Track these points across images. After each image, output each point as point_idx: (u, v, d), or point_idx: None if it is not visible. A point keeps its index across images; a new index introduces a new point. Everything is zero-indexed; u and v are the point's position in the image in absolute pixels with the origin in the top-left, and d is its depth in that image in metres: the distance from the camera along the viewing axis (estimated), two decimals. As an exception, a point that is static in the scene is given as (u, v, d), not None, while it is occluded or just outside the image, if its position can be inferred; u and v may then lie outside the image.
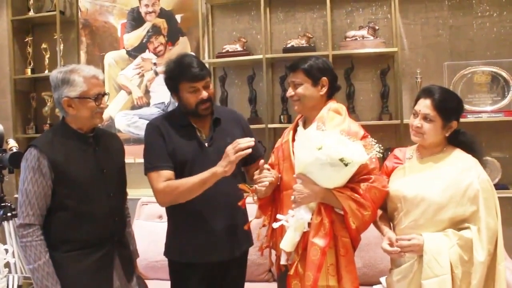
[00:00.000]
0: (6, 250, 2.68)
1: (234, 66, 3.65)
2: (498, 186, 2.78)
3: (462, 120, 1.95)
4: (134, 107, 3.89)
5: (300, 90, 1.98)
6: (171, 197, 2.02)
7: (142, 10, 3.83)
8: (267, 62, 3.44)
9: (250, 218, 2.18)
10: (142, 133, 2.25)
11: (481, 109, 3.16)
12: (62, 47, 3.85)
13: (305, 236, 1.86)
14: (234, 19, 3.68)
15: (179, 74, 2.06)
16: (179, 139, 2.09)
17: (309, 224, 1.86)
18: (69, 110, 1.93)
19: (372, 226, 1.96)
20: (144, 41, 3.84)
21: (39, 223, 1.88)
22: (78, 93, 1.91)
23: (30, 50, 3.99)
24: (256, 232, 2.18)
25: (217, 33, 3.72)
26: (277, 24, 3.61)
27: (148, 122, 2.20)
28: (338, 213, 1.84)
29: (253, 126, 3.32)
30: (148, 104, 3.85)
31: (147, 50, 3.84)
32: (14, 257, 2.72)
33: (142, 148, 2.14)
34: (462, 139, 1.95)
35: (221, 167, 1.95)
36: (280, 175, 2.04)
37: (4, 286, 2.50)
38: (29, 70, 3.97)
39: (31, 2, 3.94)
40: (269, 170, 2.00)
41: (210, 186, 1.99)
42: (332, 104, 2.02)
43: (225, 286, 2.20)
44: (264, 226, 2.15)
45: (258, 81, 3.53)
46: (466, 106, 2.87)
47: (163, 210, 2.22)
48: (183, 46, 3.74)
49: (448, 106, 1.89)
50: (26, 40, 3.99)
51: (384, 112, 3.32)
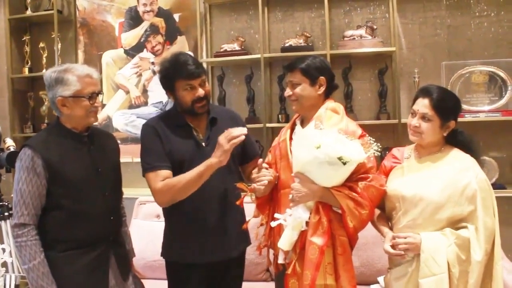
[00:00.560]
0: (3, 250, 2.68)
1: (232, 65, 3.65)
2: (495, 186, 2.79)
3: (459, 119, 1.96)
4: (132, 106, 3.88)
5: (298, 89, 1.99)
6: (170, 195, 2.00)
7: (140, 9, 3.83)
8: (265, 61, 3.44)
9: (248, 217, 2.18)
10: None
11: (478, 108, 3.16)
12: (59, 46, 3.85)
13: (303, 235, 1.86)
14: (232, 18, 3.68)
15: (175, 72, 2.05)
16: (176, 139, 2.08)
17: (307, 223, 1.86)
18: (63, 109, 1.93)
19: (369, 225, 1.96)
20: (142, 40, 3.84)
21: (34, 223, 1.88)
22: (72, 92, 1.90)
23: (27, 49, 3.99)
24: (254, 231, 2.17)
25: (215, 32, 3.72)
26: (275, 23, 3.61)
27: (144, 122, 2.19)
28: (336, 212, 1.84)
29: (251, 126, 3.33)
30: (146, 103, 3.85)
31: (145, 49, 3.83)
32: (11, 256, 2.72)
33: (139, 147, 2.13)
34: (460, 139, 1.96)
35: (215, 158, 1.93)
36: (277, 174, 2.04)
37: (1, 285, 2.50)
38: (26, 69, 3.96)
39: (29, 1, 3.94)
40: (267, 169, 2.00)
41: (207, 180, 1.97)
42: (329, 103, 2.02)
43: (223, 286, 2.19)
44: (262, 225, 2.15)
45: (256, 80, 3.53)
46: (464, 106, 2.87)
47: (161, 210, 2.22)
48: (181, 45, 3.74)
49: (446, 105, 1.89)
50: (23, 39, 3.99)
51: (382, 111, 3.32)
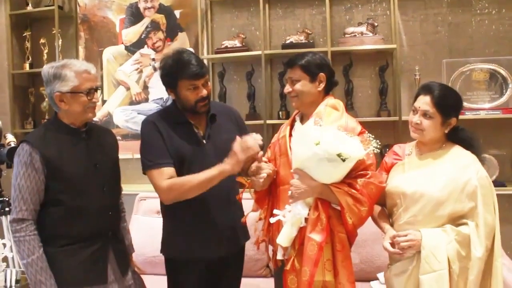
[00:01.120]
0: (4, 245, 2.68)
1: (233, 62, 3.64)
2: (495, 183, 2.76)
3: (460, 117, 1.96)
4: (132, 103, 3.88)
5: (298, 86, 1.98)
6: (177, 194, 1.99)
7: (141, 5, 3.83)
8: (266, 58, 3.44)
9: (246, 213, 2.18)
10: (140, 128, 2.24)
11: (479, 106, 3.16)
12: (60, 42, 3.85)
13: (302, 231, 1.86)
14: (233, 15, 3.68)
15: (178, 72, 2.02)
16: (177, 136, 2.07)
17: (306, 219, 1.86)
18: (61, 105, 1.93)
19: (369, 222, 1.96)
20: (142, 36, 3.84)
21: (33, 218, 1.88)
22: (69, 88, 1.90)
23: (28, 45, 3.99)
24: (253, 226, 2.18)
25: (216, 29, 3.72)
26: (276, 20, 3.61)
27: (143, 119, 2.18)
28: (335, 208, 1.84)
29: (251, 122, 3.33)
30: (146, 99, 3.85)
31: (146, 46, 3.83)
32: (12, 251, 2.72)
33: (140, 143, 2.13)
34: (461, 136, 1.95)
35: (229, 166, 1.93)
36: (276, 170, 2.04)
37: (2, 280, 2.50)
38: (27, 65, 3.96)
39: (30, -4, 3.94)
40: (266, 162, 2.01)
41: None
42: (329, 99, 2.02)
43: (224, 280, 2.19)
44: (260, 219, 2.14)
45: (256, 77, 3.54)
46: (464, 104, 2.87)
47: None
48: (182, 42, 3.74)
49: (447, 102, 1.89)
50: (24, 34, 3.99)
51: (382, 109, 3.32)
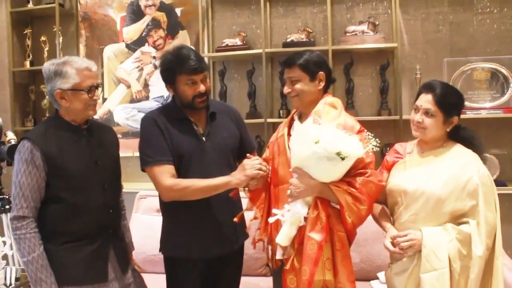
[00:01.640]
0: (4, 242, 2.69)
1: (233, 60, 3.64)
2: (496, 183, 2.74)
3: (461, 116, 1.95)
4: (133, 101, 3.88)
5: (298, 86, 1.97)
6: (178, 194, 1.99)
7: (142, 3, 3.82)
8: (267, 56, 3.44)
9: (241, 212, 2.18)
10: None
11: (480, 105, 3.16)
12: (61, 40, 3.85)
13: (301, 230, 1.85)
14: (234, 13, 3.68)
15: (177, 66, 2.03)
16: (177, 133, 2.07)
17: (305, 218, 1.85)
18: (62, 102, 1.92)
19: (369, 221, 1.96)
20: (143, 34, 3.83)
21: (33, 216, 1.87)
22: (70, 85, 1.90)
23: (29, 42, 3.98)
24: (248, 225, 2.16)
25: (217, 27, 3.71)
26: (277, 18, 3.60)
27: (143, 115, 2.18)
28: (334, 207, 1.84)
29: (252, 121, 3.33)
30: (147, 97, 3.85)
31: (147, 44, 3.83)
32: (12, 249, 2.72)
33: (141, 141, 2.12)
34: (463, 135, 1.95)
35: (236, 179, 1.94)
36: (272, 169, 2.03)
37: (2, 278, 2.50)
38: (28, 63, 3.96)
39: (30, -6, 3.93)
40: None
41: (207, 174, 1.98)
42: (328, 98, 2.01)
43: (223, 279, 2.19)
44: (255, 218, 2.11)
45: (257, 75, 3.53)
46: (465, 103, 2.87)
47: (161, 204, 2.22)
48: (183, 40, 3.73)
49: (449, 101, 1.89)
50: (25, 32, 3.98)
51: (383, 107, 3.31)
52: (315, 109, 1.96)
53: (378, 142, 1.84)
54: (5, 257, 2.72)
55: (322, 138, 1.76)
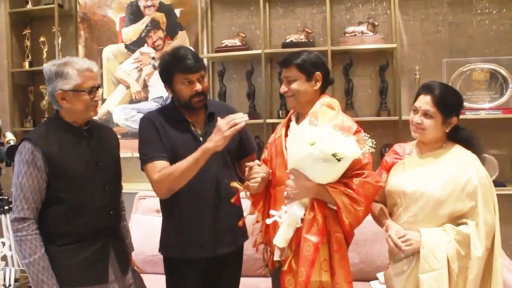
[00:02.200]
0: (3, 243, 2.68)
1: (232, 61, 3.64)
2: (495, 184, 2.74)
3: (460, 117, 1.95)
4: (132, 101, 3.88)
5: (294, 85, 1.97)
6: (167, 184, 1.98)
7: (141, 4, 3.82)
8: (266, 57, 3.44)
9: (245, 211, 2.18)
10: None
11: (479, 106, 3.16)
12: (60, 41, 3.84)
13: (298, 232, 1.85)
14: (233, 14, 3.68)
15: (174, 65, 2.04)
16: (174, 134, 2.08)
17: (302, 220, 1.85)
18: (63, 103, 1.92)
19: (368, 222, 1.96)
20: (142, 35, 3.83)
21: (34, 217, 1.87)
22: (72, 86, 1.90)
23: (28, 43, 3.98)
24: (251, 227, 2.17)
25: (216, 27, 3.71)
26: (276, 19, 3.60)
27: (141, 116, 2.18)
28: (331, 208, 1.83)
29: (251, 121, 3.31)
30: (146, 98, 3.85)
31: (146, 44, 3.83)
32: (11, 250, 2.72)
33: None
34: (462, 135, 1.96)
35: (212, 142, 1.91)
36: (271, 171, 2.03)
37: (1, 279, 2.50)
38: (27, 63, 3.95)
39: (29, -6, 3.93)
40: (260, 165, 1.98)
41: (204, 175, 1.97)
42: (325, 98, 2.00)
43: (223, 279, 2.20)
44: (258, 222, 2.12)
45: (256, 76, 3.53)
46: (465, 103, 2.87)
47: (160, 205, 2.22)
48: (182, 41, 3.73)
49: (448, 102, 1.89)
50: (24, 33, 3.98)
51: (382, 108, 3.31)
52: (312, 110, 1.95)
53: (374, 143, 1.83)
54: (4, 258, 2.72)
55: (318, 140, 1.75)
